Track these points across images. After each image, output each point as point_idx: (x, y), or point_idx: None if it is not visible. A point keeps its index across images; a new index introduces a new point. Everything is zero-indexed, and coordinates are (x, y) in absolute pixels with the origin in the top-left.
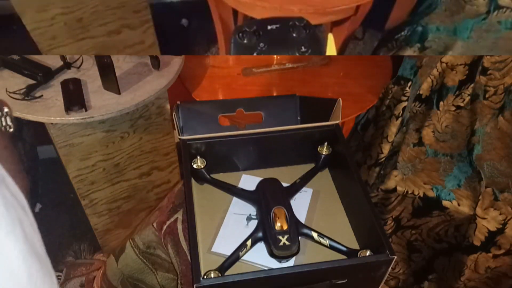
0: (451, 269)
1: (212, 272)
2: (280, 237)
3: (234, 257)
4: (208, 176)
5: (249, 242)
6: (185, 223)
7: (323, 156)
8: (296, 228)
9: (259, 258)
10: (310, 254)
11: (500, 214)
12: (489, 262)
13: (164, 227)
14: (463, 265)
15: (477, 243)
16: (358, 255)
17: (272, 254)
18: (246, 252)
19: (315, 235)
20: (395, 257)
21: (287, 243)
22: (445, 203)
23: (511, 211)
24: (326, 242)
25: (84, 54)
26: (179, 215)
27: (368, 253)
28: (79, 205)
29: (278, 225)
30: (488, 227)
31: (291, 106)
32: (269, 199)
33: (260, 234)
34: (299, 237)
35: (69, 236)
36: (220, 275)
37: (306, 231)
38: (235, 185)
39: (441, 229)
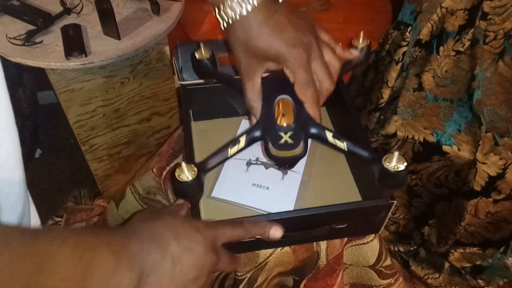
0: (451, 214)
1: None
2: (282, 134)
3: (222, 155)
4: (211, 68)
5: (242, 138)
6: None
7: None
8: (304, 124)
9: (258, 203)
10: (310, 200)
11: (500, 159)
12: (489, 207)
13: (164, 173)
14: (463, 210)
15: (477, 188)
16: None
17: (269, 155)
18: (237, 150)
19: (329, 135)
20: (395, 202)
21: (289, 141)
22: (445, 148)
23: (511, 156)
24: (343, 144)
25: None
26: (179, 161)
27: None
28: (79, 150)
29: (281, 118)
30: (488, 172)
31: None
32: (274, 87)
33: (258, 133)
34: (309, 139)
35: (69, 181)
36: None
37: (317, 130)
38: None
39: (441, 174)
